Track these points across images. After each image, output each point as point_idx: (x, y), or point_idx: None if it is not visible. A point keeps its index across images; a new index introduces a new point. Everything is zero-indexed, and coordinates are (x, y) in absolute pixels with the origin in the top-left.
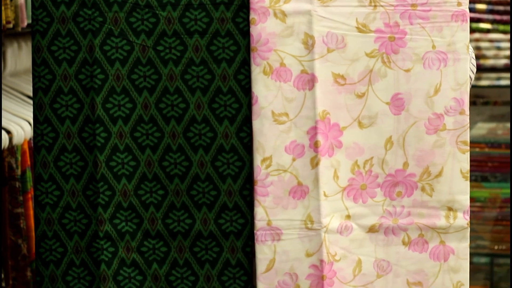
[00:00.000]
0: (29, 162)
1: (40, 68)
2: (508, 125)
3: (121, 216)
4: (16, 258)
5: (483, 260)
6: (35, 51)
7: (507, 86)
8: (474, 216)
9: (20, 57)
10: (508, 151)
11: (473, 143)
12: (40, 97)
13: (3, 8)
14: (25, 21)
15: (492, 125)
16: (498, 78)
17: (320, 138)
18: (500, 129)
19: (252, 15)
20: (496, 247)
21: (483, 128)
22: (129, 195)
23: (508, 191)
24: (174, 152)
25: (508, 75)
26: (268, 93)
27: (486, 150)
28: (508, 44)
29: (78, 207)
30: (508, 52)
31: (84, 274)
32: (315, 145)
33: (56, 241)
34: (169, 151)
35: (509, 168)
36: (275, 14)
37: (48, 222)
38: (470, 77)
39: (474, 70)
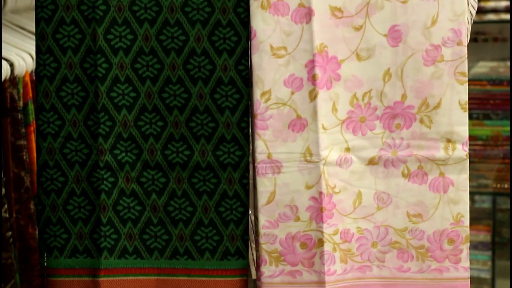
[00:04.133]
0: (31, 95)
1: None
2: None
3: (121, 147)
4: (19, 191)
5: (486, 205)
6: None
7: (507, 21)
8: (476, 155)
9: None
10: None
11: (475, 80)
12: (42, 27)
13: None
14: None
15: (494, 63)
16: (499, 19)
17: (318, 71)
18: (502, 67)
19: None
20: (498, 186)
21: (485, 66)
22: (129, 126)
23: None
24: (173, 84)
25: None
26: (266, 27)
27: (488, 87)
28: None
29: (79, 137)
30: None
31: (84, 203)
32: (313, 78)
33: (57, 171)
34: (169, 82)
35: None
36: None
37: (50, 152)
38: (471, 13)
39: (475, 7)
